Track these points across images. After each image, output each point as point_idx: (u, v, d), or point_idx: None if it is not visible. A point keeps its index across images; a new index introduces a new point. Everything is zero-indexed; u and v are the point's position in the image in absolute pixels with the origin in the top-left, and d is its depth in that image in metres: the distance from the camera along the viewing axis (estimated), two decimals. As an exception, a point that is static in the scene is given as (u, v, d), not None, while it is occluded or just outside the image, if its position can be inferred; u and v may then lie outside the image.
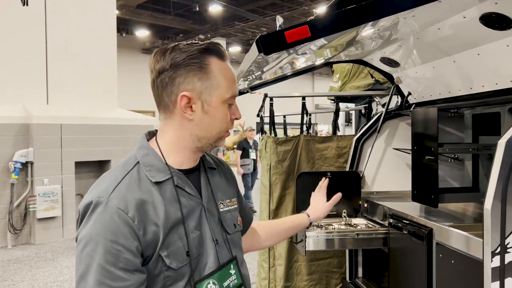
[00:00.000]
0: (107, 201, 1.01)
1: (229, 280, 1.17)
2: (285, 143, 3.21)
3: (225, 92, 1.12)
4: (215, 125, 1.13)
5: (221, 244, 1.18)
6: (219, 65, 1.12)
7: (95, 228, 1.00)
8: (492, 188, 1.56)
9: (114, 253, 0.98)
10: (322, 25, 1.50)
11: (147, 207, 1.04)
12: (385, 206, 2.68)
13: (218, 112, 1.12)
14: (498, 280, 1.57)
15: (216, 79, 1.11)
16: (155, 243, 1.03)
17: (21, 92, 6.57)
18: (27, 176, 6.50)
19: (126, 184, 1.06)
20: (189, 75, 1.09)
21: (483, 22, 1.83)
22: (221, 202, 1.24)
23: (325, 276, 3.28)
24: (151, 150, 1.14)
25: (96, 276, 0.97)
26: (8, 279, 4.98)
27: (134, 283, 0.99)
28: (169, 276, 1.05)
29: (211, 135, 1.14)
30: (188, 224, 1.09)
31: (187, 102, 1.10)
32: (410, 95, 2.88)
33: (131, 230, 1.00)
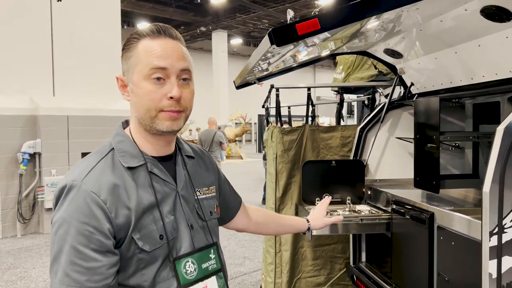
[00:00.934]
0: (80, 185, 1.03)
1: (208, 263, 1.20)
2: (291, 133, 3.31)
3: (143, 67, 1.09)
4: (142, 103, 1.10)
5: (196, 229, 1.20)
6: (146, 43, 1.10)
7: (68, 211, 1.02)
8: (490, 172, 1.65)
9: (86, 234, 1.00)
10: (331, 18, 1.59)
11: (120, 191, 1.06)
12: (388, 192, 2.78)
13: (140, 89, 1.09)
14: (496, 258, 1.66)
15: (137, 57, 1.10)
16: (127, 226, 1.05)
17: (28, 85, 6.67)
18: (35, 167, 6.62)
19: (100, 169, 1.08)
20: (123, 59, 1.14)
21: (484, 14, 1.92)
22: (198, 189, 1.26)
23: (329, 261, 3.39)
24: (126, 137, 1.16)
25: (68, 257, 0.99)
26: (19, 267, 5.11)
27: (106, 264, 1.01)
28: (142, 258, 1.07)
29: (141, 114, 1.11)
30: (162, 209, 1.12)
31: (121, 84, 1.15)
32: (412, 86, 2.96)
33: (103, 213, 1.02)
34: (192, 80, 1.17)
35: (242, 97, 18.06)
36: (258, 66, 2.71)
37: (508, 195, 1.65)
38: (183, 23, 21.86)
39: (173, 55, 1.10)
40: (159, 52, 1.09)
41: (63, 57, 7.03)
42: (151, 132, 1.13)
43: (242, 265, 5.14)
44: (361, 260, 3.14)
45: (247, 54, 28.50)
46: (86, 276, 0.99)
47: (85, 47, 7.18)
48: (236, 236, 6.43)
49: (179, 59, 1.11)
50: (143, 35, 1.11)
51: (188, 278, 1.13)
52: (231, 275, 4.76)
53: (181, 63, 1.11)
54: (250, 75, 3.21)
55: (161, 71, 1.09)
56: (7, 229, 6.47)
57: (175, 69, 1.10)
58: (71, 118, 6.85)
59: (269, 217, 1.69)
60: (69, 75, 7.06)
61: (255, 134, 27.66)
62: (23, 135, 6.52)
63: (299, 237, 3.33)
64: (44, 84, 6.89)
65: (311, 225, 1.72)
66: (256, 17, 20.29)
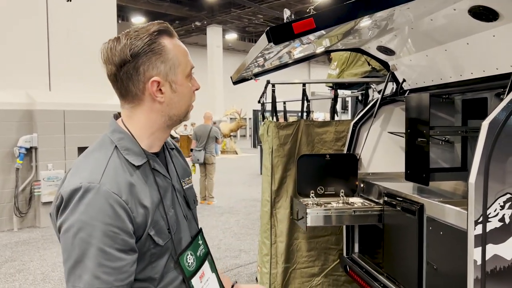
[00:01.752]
0: (99, 186, 1.02)
1: (200, 250, 1.26)
2: (286, 128, 3.39)
3: (185, 67, 1.16)
4: (185, 101, 1.18)
5: (189, 218, 1.26)
6: (172, 43, 1.14)
7: (89, 214, 1.00)
8: (476, 164, 1.74)
9: (111, 235, 1.00)
10: (325, 17, 1.67)
11: (136, 190, 1.07)
12: (380, 185, 2.87)
13: (184, 88, 1.16)
14: (480, 246, 1.76)
15: (176, 58, 1.14)
16: (144, 224, 1.07)
17: (24, 79, 6.68)
18: (32, 161, 6.65)
19: (113, 168, 1.07)
20: (151, 61, 1.10)
21: (472, 14, 2.00)
22: (183, 180, 1.30)
23: (323, 252, 3.49)
24: (125, 134, 1.14)
25: (95, 260, 0.99)
26: (17, 260, 5.17)
27: (130, 262, 1.04)
28: (154, 253, 1.10)
29: (181, 111, 1.18)
30: (165, 204, 1.15)
31: (157, 86, 1.12)
32: (404, 82, 3.05)
33: (126, 213, 1.03)
34: None
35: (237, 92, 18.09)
36: (255, 62, 2.78)
37: (492, 186, 1.74)
38: (178, 17, 21.80)
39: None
40: (186, 52, 1.18)
41: (59, 52, 7.04)
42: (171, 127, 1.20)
43: (237, 257, 5.23)
44: (354, 251, 3.24)
45: (242, 49, 28.50)
46: (114, 276, 1.00)
47: (81, 42, 7.20)
48: (231, 230, 6.53)
49: None
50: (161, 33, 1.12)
51: (190, 270, 1.19)
52: (227, 267, 4.85)
53: None
54: (247, 71, 3.28)
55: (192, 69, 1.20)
56: (4, 223, 6.52)
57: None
58: (67, 113, 6.88)
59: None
60: (65, 70, 7.08)
61: (250, 129, 27.70)
62: (19, 129, 6.55)
63: (294, 228, 3.42)
64: (40, 79, 6.91)
65: None
66: (251, 12, 20.30)
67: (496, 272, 1.75)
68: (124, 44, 1.08)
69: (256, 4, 18.35)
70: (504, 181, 1.74)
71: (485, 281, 1.74)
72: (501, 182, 1.74)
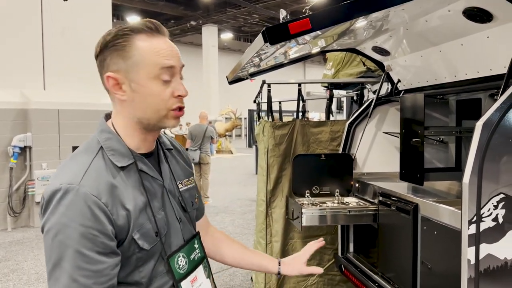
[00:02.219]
0: (78, 188, 1.00)
1: (194, 254, 1.23)
2: (282, 128, 3.40)
3: (152, 67, 1.07)
4: (149, 103, 1.08)
5: (184, 221, 1.23)
6: (147, 41, 1.07)
7: (68, 215, 0.99)
8: (470, 164, 1.76)
9: (90, 238, 0.99)
10: (321, 18, 1.68)
11: (117, 192, 1.05)
12: (375, 185, 2.89)
13: (147, 90, 1.07)
14: (474, 245, 1.77)
15: (142, 56, 1.06)
16: (127, 227, 1.05)
17: (18, 78, 6.65)
18: (26, 161, 6.63)
19: (95, 170, 1.05)
20: (113, 56, 1.07)
21: (466, 15, 2.02)
22: (180, 182, 1.26)
23: (318, 252, 3.50)
24: (113, 134, 1.12)
25: (73, 262, 0.98)
26: (11, 259, 5.15)
27: (111, 265, 1.02)
28: (140, 257, 1.08)
29: (147, 115, 1.10)
30: (153, 206, 1.12)
31: (115, 83, 1.08)
32: (399, 82, 3.06)
33: (105, 215, 1.01)
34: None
35: (232, 92, 18.10)
36: (251, 62, 2.79)
37: (486, 186, 1.76)
38: (173, 17, 21.76)
39: (176, 54, 1.11)
40: (167, 51, 1.08)
41: (54, 51, 7.01)
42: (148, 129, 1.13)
43: (233, 257, 5.23)
44: (349, 250, 3.26)
45: (238, 48, 28.50)
46: (93, 279, 0.99)
47: (76, 41, 7.17)
48: (226, 229, 6.53)
49: (179, 57, 1.12)
50: (137, 31, 1.07)
51: (181, 272, 1.16)
52: (222, 268, 4.85)
53: (181, 61, 1.13)
54: (243, 71, 3.29)
55: (169, 70, 1.09)
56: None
57: (179, 68, 1.12)
58: (62, 112, 6.86)
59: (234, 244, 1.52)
60: (60, 69, 7.05)
61: (245, 129, 27.73)
62: (13, 128, 6.52)
63: (290, 228, 3.43)
64: (34, 78, 6.88)
65: (281, 269, 1.48)
66: (246, 12, 20.30)
67: (490, 271, 1.77)
68: (102, 37, 1.09)
69: (252, 4, 18.35)
70: (497, 181, 1.76)
71: (478, 280, 1.76)
72: (495, 182, 1.76)
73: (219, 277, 4.55)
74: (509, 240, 1.77)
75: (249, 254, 1.52)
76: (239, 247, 1.52)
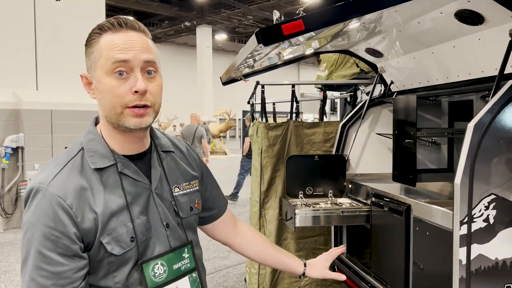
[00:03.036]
0: (46, 188, 1.01)
1: (181, 263, 1.16)
2: (276, 128, 3.40)
3: (105, 61, 1.03)
4: (107, 100, 1.05)
5: (173, 227, 1.17)
6: (108, 37, 1.05)
7: (35, 215, 1.00)
8: (461, 165, 1.77)
9: (52, 239, 0.98)
10: (314, 19, 1.68)
11: (87, 195, 1.03)
12: (368, 186, 2.90)
13: (103, 85, 1.04)
14: (465, 246, 1.79)
15: (99, 52, 1.04)
16: (94, 230, 1.03)
17: (10, 78, 6.60)
18: (18, 161, 6.58)
19: (67, 171, 1.05)
20: (85, 55, 1.10)
21: (458, 17, 2.04)
22: (177, 185, 1.22)
23: (312, 252, 3.50)
24: (97, 136, 1.11)
25: (34, 261, 0.98)
26: (3, 261, 5.10)
27: (72, 268, 1.00)
28: (112, 261, 1.06)
29: (107, 112, 1.06)
30: (132, 210, 1.08)
31: (85, 81, 1.11)
32: (392, 84, 3.08)
33: (69, 217, 1.00)
34: (159, 73, 1.10)
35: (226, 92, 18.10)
36: (244, 63, 2.79)
37: (477, 187, 1.77)
38: (168, 17, 21.72)
39: (135, 47, 1.04)
40: (121, 44, 1.03)
41: (47, 51, 6.97)
42: (119, 129, 1.08)
43: (226, 258, 5.23)
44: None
45: (232, 49, 28.49)
46: (52, 280, 0.98)
47: (69, 41, 7.13)
48: (220, 230, 6.51)
49: (143, 50, 1.05)
50: (104, 29, 1.06)
51: (156, 281, 1.10)
52: (215, 268, 4.84)
53: (145, 55, 1.05)
54: (236, 72, 3.29)
55: (123, 64, 1.03)
56: (-11, 223, 6.43)
57: (138, 62, 1.04)
58: (54, 113, 6.81)
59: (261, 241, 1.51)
60: (53, 69, 7.01)
61: (239, 130, 27.71)
62: (5, 129, 6.46)
63: (283, 229, 3.43)
64: (27, 78, 6.83)
65: (306, 270, 1.51)
66: (241, 13, 20.31)
67: (481, 272, 1.79)
68: None
69: (246, 5, 18.37)
70: (488, 182, 1.78)
71: (469, 280, 1.77)
72: (486, 183, 1.77)
73: (212, 278, 4.55)
74: (500, 240, 1.79)
75: (275, 252, 1.51)
76: (266, 245, 1.51)
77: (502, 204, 1.78)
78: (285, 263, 1.51)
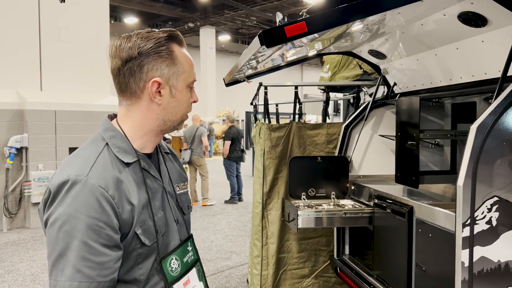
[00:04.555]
0: (86, 180, 1.02)
1: (188, 256, 1.24)
2: (278, 130, 3.40)
3: (188, 77, 1.18)
4: (181, 108, 1.19)
5: (181, 223, 1.26)
6: (181, 51, 1.17)
7: (75, 206, 1.00)
8: (464, 167, 1.77)
9: (96, 229, 1.00)
10: (317, 22, 1.69)
11: (123, 187, 1.08)
12: (370, 188, 2.90)
13: (183, 96, 1.18)
14: (468, 248, 1.79)
15: (182, 65, 1.16)
16: (130, 221, 1.07)
17: (15, 78, 6.64)
18: (22, 162, 6.60)
19: (102, 163, 1.08)
20: (157, 62, 1.13)
21: (461, 19, 2.04)
22: (177, 185, 1.30)
23: (314, 253, 3.51)
24: (117, 133, 1.16)
25: (78, 253, 0.99)
26: (6, 260, 5.12)
27: (113, 258, 1.03)
28: (141, 253, 1.10)
29: (176, 118, 1.19)
30: (154, 205, 1.14)
31: (157, 87, 1.14)
32: (395, 86, 3.08)
33: (112, 208, 1.03)
34: None
35: (229, 94, 18.12)
36: (247, 64, 2.79)
37: (480, 189, 1.77)
38: (171, 18, 21.76)
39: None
40: (192, 64, 1.21)
41: (51, 52, 7.01)
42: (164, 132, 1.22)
43: (229, 259, 5.23)
44: (345, 252, 3.27)
45: (235, 51, 28.50)
46: (97, 271, 1.00)
47: (73, 42, 7.17)
48: (223, 232, 6.52)
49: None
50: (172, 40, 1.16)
51: (174, 275, 1.16)
52: (218, 269, 4.85)
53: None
54: (240, 73, 3.30)
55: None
56: (-7, 223, 6.45)
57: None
58: (58, 113, 6.84)
59: None
60: (57, 69, 7.04)
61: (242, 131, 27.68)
62: (10, 129, 6.49)
63: (285, 230, 3.44)
64: (31, 78, 6.86)
65: None
66: (244, 14, 20.32)
67: (483, 274, 1.78)
68: (134, 42, 1.12)
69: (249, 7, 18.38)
70: (491, 184, 1.77)
71: (472, 283, 1.77)
72: (489, 185, 1.77)
73: (215, 279, 4.55)
74: (503, 243, 1.78)
75: None
76: None
77: (505, 206, 1.78)
78: None
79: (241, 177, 9.08)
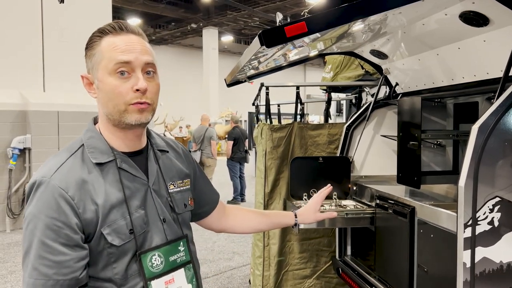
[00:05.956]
0: (48, 181, 1.05)
1: (177, 256, 1.22)
2: (280, 130, 3.40)
3: (108, 62, 1.11)
4: (109, 98, 1.12)
5: (169, 222, 1.23)
6: (109, 40, 1.13)
7: (37, 206, 1.04)
8: (465, 168, 1.76)
9: (54, 229, 1.03)
10: (317, 22, 1.68)
11: (88, 187, 1.08)
12: (372, 188, 2.89)
13: (106, 85, 1.11)
14: (470, 249, 1.77)
15: (101, 53, 1.12)
16: (95, 221, 1.08)
17: (17, 80, 6.66)
18: (25, 162, 6.62)
19: (69, 165, 1.10)
20: (86, 57, 1.17)
21: (462, 19, 2.03)
22: (172, 183, 1.28)
23: (315, 254, 3.50)
24: (96, 133, 1.18)
25: (36, 251, 1.02)
26: (9, 261, 5.14)
27: (74, 258, 1.05)
28: (112, 252, 1.10)
29: (109, 110, 1.13)
30: (131, 204, 1.14)
31: (86, 82, 1.17)
32: (397, 86, 3.07)
33: (71, 208, 1.05)
34: (157, 73, 1.18)
35: (232, 94, 18.11)
36: (249, 65, 2.79)
37: (482, 189, 1.76)
38: (174, 19, 21.79)
39: (136, 49, 1.12)
40: (123, 46, 1.11)
41: (54, 53, 7.02)
42: (120, 126, 1.15)
43: (231, 260, 5.23)
44: (346, 253, 3.25)
45: (238, 51, 28.52)
46: (54, 269, 1.03)
47: (76, 43, 7.15)
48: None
49: (143, 53, 1.13)
50: (105, 33, 1.14)
51: (153, 271, 1.15)
52: (220, 270, 4.84)
53: (145, 57, 1.13)
54: (241, 74, 3.30)
55: (125, 65, 1.11)
56: (-4, 224, 6.48)
57: (139, 63, 1.12)
58: (61, 114, 6.86)
59: (249, 214, 1.62)
60: (60, 70, 7.06)
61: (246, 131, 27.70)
62: (13, 130, 6.52)
63: (287, 230, 3.43)
64: (34, 79, 6.89)
65: (298, 220, 1.64)
66: (247, 15, 20.32)
67: (485, 275, 1.77)
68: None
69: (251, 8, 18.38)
70: (493, 184, 1.76)
71: (474, 284, 1.76)
72: (490, 186, 1.76)
73: (217, 279, 4.55)
74: (505, 243, 1.77)
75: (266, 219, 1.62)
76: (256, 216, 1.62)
77: (507, 206, 1.76)
78: (278, 223, 1.67)
79: (244, 178, 9.07)
